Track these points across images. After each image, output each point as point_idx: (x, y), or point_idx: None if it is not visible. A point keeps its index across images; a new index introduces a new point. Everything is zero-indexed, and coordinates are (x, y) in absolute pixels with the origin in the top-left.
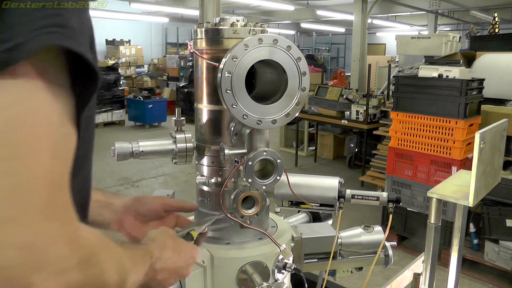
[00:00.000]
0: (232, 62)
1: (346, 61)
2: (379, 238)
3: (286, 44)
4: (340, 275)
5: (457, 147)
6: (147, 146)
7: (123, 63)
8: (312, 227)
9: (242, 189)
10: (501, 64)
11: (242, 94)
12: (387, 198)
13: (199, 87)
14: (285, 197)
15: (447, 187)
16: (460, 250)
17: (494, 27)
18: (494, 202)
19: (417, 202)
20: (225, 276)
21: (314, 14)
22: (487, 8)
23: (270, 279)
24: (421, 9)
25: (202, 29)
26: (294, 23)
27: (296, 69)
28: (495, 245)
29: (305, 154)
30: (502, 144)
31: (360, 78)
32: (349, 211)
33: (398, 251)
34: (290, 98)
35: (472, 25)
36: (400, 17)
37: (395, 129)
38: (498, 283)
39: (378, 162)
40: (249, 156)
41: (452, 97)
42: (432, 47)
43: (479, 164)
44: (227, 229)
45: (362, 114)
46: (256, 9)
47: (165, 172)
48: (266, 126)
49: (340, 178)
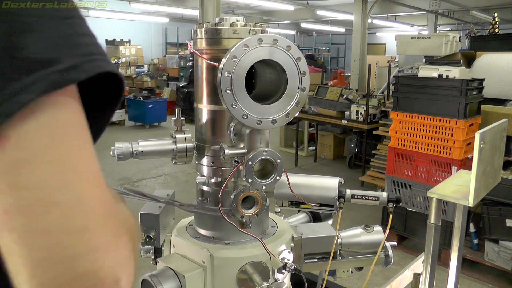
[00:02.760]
0: (232, 62)
1: (346, 61)
2: (379, 238)
3: (286, 44)
4: (340, 275)
5: (457, 147)
6: (147, 146)
7: (123, 63)
8: (312, 227)
9: (242, 189)
10: (501, 64)
11: (242, 94)
12: (387, 198)
13: (199, 87)
14: (285, 197)
15: (447, 187)
16: (460, 250)
17: (494, 27)
18: (494, 202)
19: (417, 202)
20: (225, 276)
21: (314, 14)
22: (487, 8)
23: (270, 279)
24: (421, 9)
25: (202, 29)
26: (294, 23)
27: (296, 69)
28: (495, 245)
29: (305, 154)
30: (502, 144)
31: (360, 78)
32: (349, 211)
33: (398, 251)
34: (290, 98)
35: (472, 25)
36: (400, 17)
37: (395, 129)
38: (498, 283)
39: (378, 162)
40: (249, 156)
41: (452, 97)
42: (432, 47)
43: (479, 164)
44: (227, 229)
45: (362, 114)
46: (256, 9)
47: (165, 172)
48: (266, 126)
49: (340, 178)
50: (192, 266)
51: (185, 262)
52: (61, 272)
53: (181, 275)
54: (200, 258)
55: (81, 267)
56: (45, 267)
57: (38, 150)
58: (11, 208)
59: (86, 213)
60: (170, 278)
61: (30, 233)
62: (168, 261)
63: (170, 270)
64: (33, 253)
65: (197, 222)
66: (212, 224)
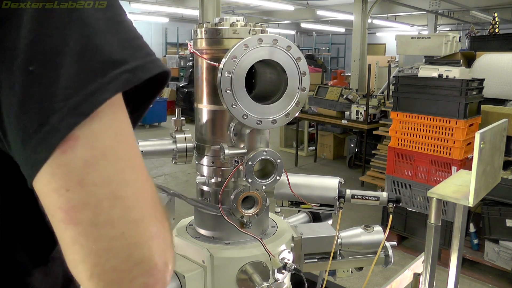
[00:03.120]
0: (232, 62)
1: (346, 61)
2: (379, 238)
3: (286, 44)
4: (340, 275)
5: (457, 147)
6: (147, 146)
7: None
8: (312, 227)
9: (242, 189)
10: (501, 64)
11: (242, 94)
12: (387, 198)
13: (199, 87)
14: (285, 197)
15: (447, 187)
16: (460, 250)
17: (494, 27)
18: (494, 202)
19: (417, 202)
20: (225, 276)
21: (314, 14)
22: (487, 8)
23: (270, 279)
24: (421, 9)
25: (202, 29)
26: (294, 23)
27: (296, 69)
28: (495, 245)
29: (305, 154)
30: (502, 144)
31: (360, 78)
32: (349, 211)
33: (398, 251)
34: (290, 98)
35: (472, 25)
36: (400, 17)
37: (395, 129)
38: (498, 283)
39: (378, 162)
40: (249, 156)
41: (452, 97)
42: (432, 47)
43: (479, 164)
44: (227, 229)
45: (362, 114)
46: (256, 9)
47: (165, 172)
48: (266, 126)
49: (340, 178)
50: (192, 266)
51: (185, 262)
52: (122, 260)
53: (181, 275)
54: (200, 258)
55: (140, 254)
56: (108, 256)
57: (105, 149)
58: (79, 204)
59: (143, 205)
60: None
61: (96, 225)
62: None
63: None
64: (97, 243)
65: (197, 222)
66: (212, 224)
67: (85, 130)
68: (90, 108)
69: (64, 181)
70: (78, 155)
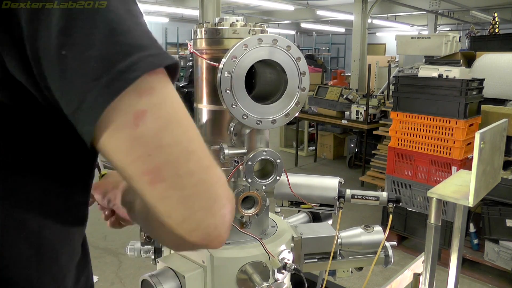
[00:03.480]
0: (232, 62)
1: (346, 61)
2: (379, 238)
3: (286, 44)
4: (340, 275)
5: (457, 147)
6: None
7: None
8: (312, 227)
9: (242, 189)
10: (501, 64)
11: (241, 94)
12: (387, 198)
13: (199, 87)
14: (285, 197)
15: (447, 187)
16: (460, 250)
17: (494, 27)
18: (494, 202)
19: (417, 202)
20: (225, 276)
21: (314, 14)
22: (487, 8)
23: (270, 279)
24: (421, 9)
25: (202, 29)
26: (294, 23)
27: (296, 69)
28: (495, 245)
29: (305, 154)
30: (502, 144)
31: (360, 78)
32: (349, 211)
33: (398, 251)
34: (290, 98)
35: (472, 25)
36: (400, 17)
37: (395, 129)
38: (498, 283)
39: (378, 162)
40: (249, 156)
41: (452, 97)
42: (432, 47)
43: (479, 164)
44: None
45: (362, 114)
46: (256, 9)
47: None
48: (266, 126)
49: (340, 178)
50: (192, 266)
51: (185, 262)
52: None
53: (181, 275)
54: (200, 258)
55: (215, 192)
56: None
57: (169, 116)
58: (161, 164)
59: (207, 154)
60: (170, 278)
61: (180, 177)
62: (168, 261)
63: (170, 270)
64: (184, 191)
65: None
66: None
67: (148, 104)
68: (123, 84)
69: (145, 148)
70: (149, 125)
